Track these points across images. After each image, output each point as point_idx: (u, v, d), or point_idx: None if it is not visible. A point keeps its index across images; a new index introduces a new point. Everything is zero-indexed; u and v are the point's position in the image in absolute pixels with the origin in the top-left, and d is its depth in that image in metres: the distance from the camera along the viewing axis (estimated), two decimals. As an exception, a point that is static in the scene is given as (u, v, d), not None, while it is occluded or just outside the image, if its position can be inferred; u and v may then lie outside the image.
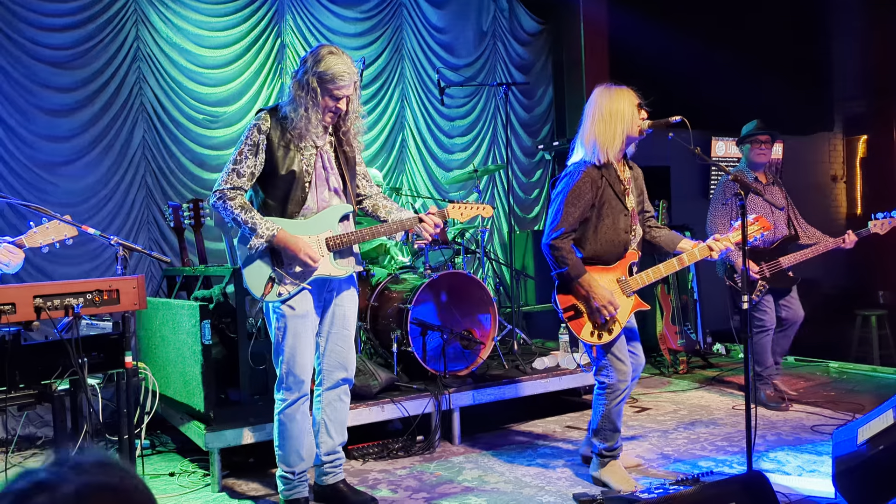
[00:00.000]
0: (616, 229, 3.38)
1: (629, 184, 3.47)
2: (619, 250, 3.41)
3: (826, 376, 5.86)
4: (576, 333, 3.38)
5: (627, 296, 3.43)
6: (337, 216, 3.25)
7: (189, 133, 5.53)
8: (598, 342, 3.37)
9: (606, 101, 3.33)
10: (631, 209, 3.45)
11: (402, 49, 6.51)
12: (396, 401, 4.18)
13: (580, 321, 3.37)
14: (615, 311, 3.32)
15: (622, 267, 3.44)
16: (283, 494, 3.32)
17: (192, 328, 3.79)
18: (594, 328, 3.35)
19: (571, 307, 3.38)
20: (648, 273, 3.44)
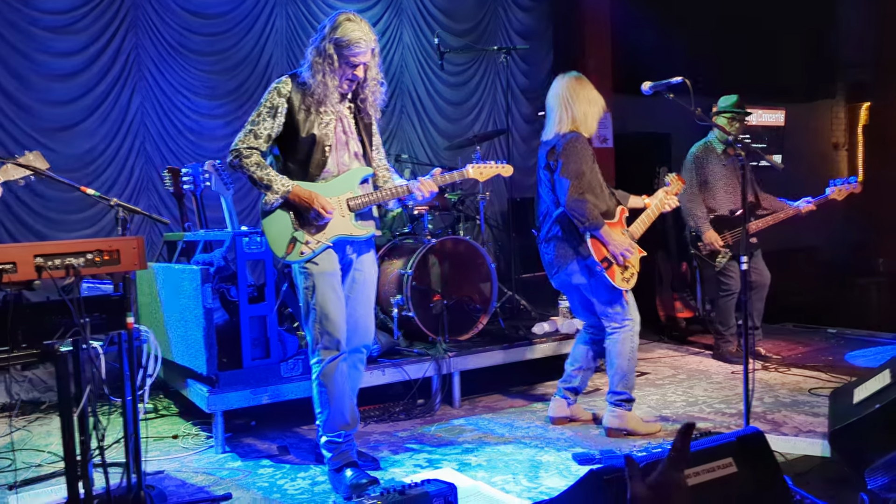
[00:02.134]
0: (605, 187, 3.83)
1: None
2: (613, 205, 3.85)
3: (824, 341, 5.89)
4: (611, 280, 3.71)
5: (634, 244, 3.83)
6: (357, 178, 3.26)
7: (189, 100, 5.51)
8: (626, 286, 3.78)
9: (587, 90, 3.81)
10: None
11: (401, 14, 6.45)
12: (398, 364, 4.21)
13: (612, 270, 3.73)
14: (631, 254, 3.76)
15: (621, 220, 3.86)
16: (329, 462, 3.22)
17: (193, 292, 3.80)
18: (623, 273, 3.75)
19: (605, 258, 3.72)
20: (639, 223, 3.89)
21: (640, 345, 5.84)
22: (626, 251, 3.71)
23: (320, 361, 3.19)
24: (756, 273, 5.15)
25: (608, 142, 6.93)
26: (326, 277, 3.17)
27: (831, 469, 3.19)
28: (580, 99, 3.78)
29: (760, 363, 5.08)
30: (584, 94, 3.79)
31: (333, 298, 3.17)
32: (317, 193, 3.14)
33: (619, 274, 3.74)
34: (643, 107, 6.04)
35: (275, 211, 3.15)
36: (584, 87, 3.81)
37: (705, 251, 5.20)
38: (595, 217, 3.66)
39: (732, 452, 2.29)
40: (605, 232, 3.68)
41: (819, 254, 9.24)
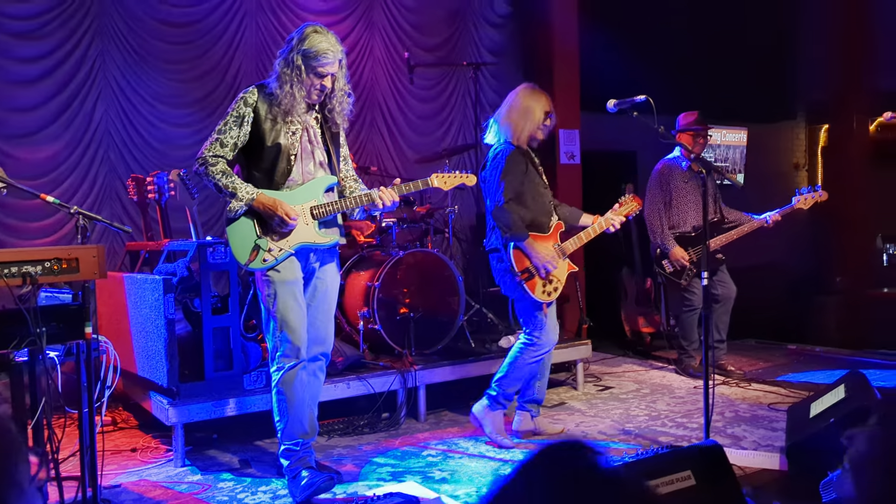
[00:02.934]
0: (543, 200, 3.86)
1: (538, 164, 3.94)
2: (549, 219, 3.88)
3: (784, 357, 5.99)
4: (531, 292, 3.74)
5: (563, 259, 3.85)
6: (322, 187, 3.29)
7: (155, 108, 5.45)
8: (547, 299, 3.79)
9: (525, 99, 3.83)
10: (547, 184, 3.94)
11: (372, 28, 6.46)
12: (362, 377, 4.19)
13: (533, 281, 3.75)
14: (554, 267, 3.76)
15: (554, 234, 3.89)
16: (287, 470, 3.24)
17: (155, 302, 3.76)
18: (544, 287, 3.76)
19: (526, 269, 3.74)
20: (574, 240, 3.88)
21: (606, 359, 5.97)
22: (548, 264, 3.72)
23: (280, 369, 3.20)
24: (722, 286, 5.23)
25: (575, 158, 7.00)
26: (288, 286, 3.18)
27: (788, 483, 3.24)
28: (520, 110, 3.81)
29: (722, 378, 5.15)
30: (525, 106, 3.81)
31: (294, 307, 3.18)
32: (280, 200, 3.15)
33: (540, 287, 3.75)
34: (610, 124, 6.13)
35: (239, 218, 3.16)
36: (527, 98, 3.83)
37: (671, 269, 5.26)
38: (517, 227, 3.70)
39: (691, 465, 2.33)
40: (529, 243, 3.71)
41: (780, 271, 9.41)
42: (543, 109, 3.82)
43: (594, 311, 6.77)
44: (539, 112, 3.80)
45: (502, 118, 3.87)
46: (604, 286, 6.88)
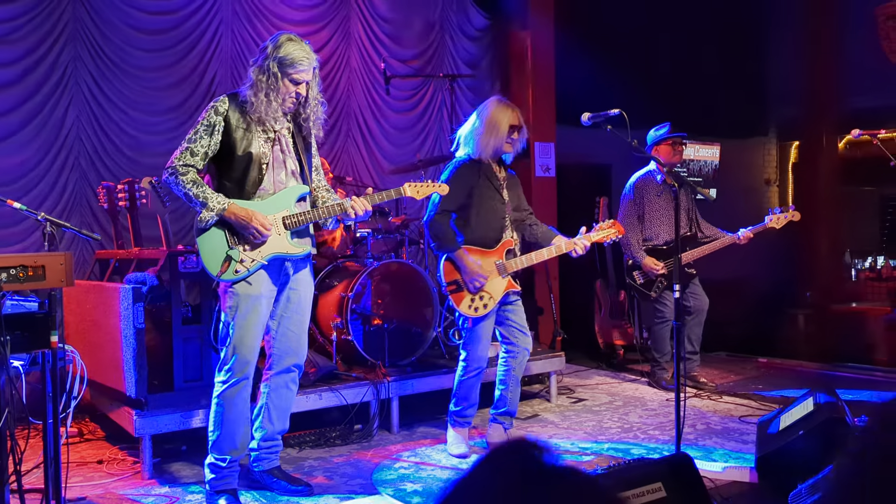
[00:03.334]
0: (493, 216, 3.81)
1: (504, 181, 3.90)
2: (497, 235, 3.82)
3: (755, 370, 6.05)
4: (455, 305, 3.75)
5: (503, 277, 3.79)
6: (294, 196, 3.27)
7: (128, 115, 5.39)
8: (474, 315, 3.75)
9: (491, 113, 3.80)
10: (506, 201, 3.87)
11: (349, 38, 6.46)
12: (335, 389, 4.16)
13: (460, 294, 3.74)
14: (482, 283, 3.71)
15: (500, 251, 3.82)
16: (210, 484, 3.23)
17: (124, 312, 3.70)
18: (472, 302, 3.72)
19: (454, 281, 3.75)
20: (522, 259, 3.82)
21: (579, 372, 5.98)
22: (476, 279, 3.69)
23: (225, 382, 3.17)
24: (695, 298, 5.27)
25: (550, 171, 7.04)
26: (252, 300, 3.15)
27: (758, 494, 3.26)
28: (485, 124, 3.78)
29: (694, 390, 5.18)
30: (490, 120, 3.78)
31: (254, 323, 3.15)
32: (254, 211, 3.12)
33: (467, 301, 3.73)
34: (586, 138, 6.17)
35: (209, 229, 3.12)
36: (493, 112, 3.79)
37: (641, 280, 5.30)
38: (445, 240, 3.71)
39: (662, 477, 2.33)
40: (459, 256, 3.71)
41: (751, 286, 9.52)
42: (509, 123, 3.78)
43: (568, 323, 6.78)
44: (504, 126, 3.76)
45: (467, 133, 3.86)
46: (578, 298, 6.91)
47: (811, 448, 2.89)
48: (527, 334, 3.93)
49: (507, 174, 3.95)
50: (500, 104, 3.83)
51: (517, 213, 3.95)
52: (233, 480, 3.26)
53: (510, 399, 3.97)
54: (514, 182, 4.00)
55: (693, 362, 5.35)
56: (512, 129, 3.79)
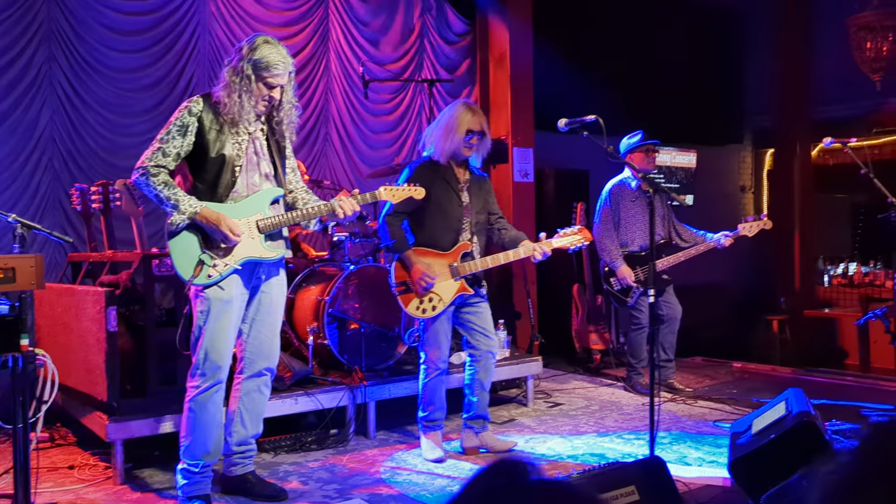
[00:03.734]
0: (448, 219, 3.81)
1: (465, 184, 3.89)
2: (453, 237, 3.82)
3: (730, 375, 6.10)
4: (403, 307, 3.77)
5: (455, 279, 3.79)
6: (268, 199, 3.24)
7: (103, 117, 5.34)
8: (421, 316, 3.78)
9: (450, 117, 3.79)
10: (465, 204, 3.86)
11: (327, 41, 6.45)
12: (311, 393, 4.14)
13: (409, 296, 3.77)
14: (429, 283, 3.72)
15: (455, 254, 3.82)
16: (182, 490, 3.19)
17: (96, 315, 3.65)
18: (420, 303, 3.74)
19: (402, 282, 3.77)
20: (477, 262, 3.82)
21: (556, 376, 6.00)
22: (423, 280, 3.70)
23: (197, 387, 3.14)
24: (668, 307, 5.31)
25: (529, 176, 7.07)
26: (223, 305, 3.12)
27: (731, 498, 3.29)
28: (443, 126, 3.79)
29: (669, 395, 5.22)
30: (448, 123, 3.77)
31: (225, 328, 3.13)
32: (224, 215, 3.09)
33: (415, 302, 3.76)
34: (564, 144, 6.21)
35: (181, 232, 3.09)
36: (453, 115, 3.78)
37: (617, 287, 5.33)
38: (396, 241, 3.75)
39: (635, 480, 2.34)
40: (409, 257, 3.73)
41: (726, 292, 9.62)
42: (467, 127, 3.75)
43: (546, 327, 6.81)
44: (461, 130, 3.74)
45: (429, 134, 3.88)
46: (555, 303, 6.94)
47: (782, 452, 2.92)
48: (490, 337, 3.91)
49: (472, 177, 3.93)
50: (463, 107, 3.81)
51: (480, 216, 3.94)
52: (206, 486, 3.23)
53: (476, 403, 3.97)
54: (481, 185, 3.98)
55: (668, 370, 5.39)
56: (470, 134, 3.76)
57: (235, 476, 3.38)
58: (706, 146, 9.35)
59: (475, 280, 3.90)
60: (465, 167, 3.92)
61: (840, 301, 9.30)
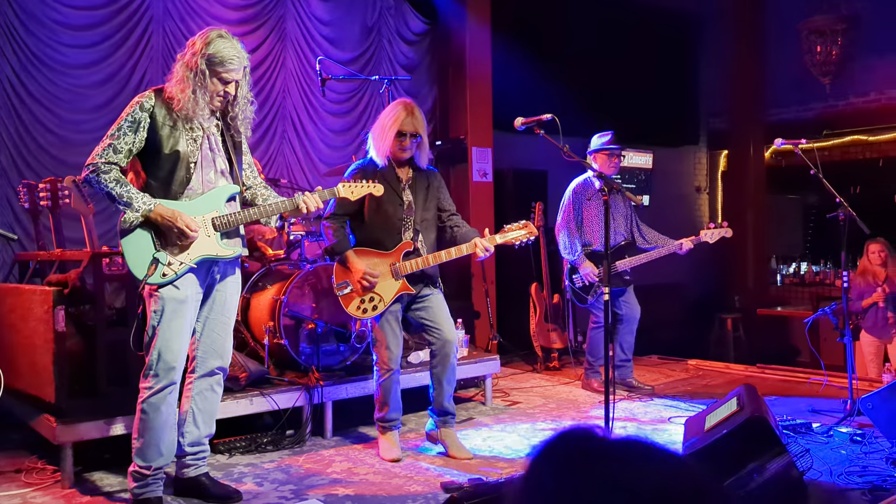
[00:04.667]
0: (388, 218, 3.77)
1: (407, 182, 3.84)
2: (393, 236, 3.79)
3: (685, 373, 6.20)
4: (345, 307, 3.77)
5: (396, 279, 3.77)
6: (224, 197, 3.19)
7: (52, 112, 5.20)
8: (362, 316, 3.81)
9: (384, 117, 3.75)
10: (407, 202, 3.82)
11: (285, 39, 6.38)
12: (266, 393, 4.09)
13: (350, 296, 3.76)
14: (371, 283, 3.71)
15: (397, 253, 3.79)
16: (134, 492, 3.13)
17: (44, 315, 3.56)
18: (360, 303, 3.75)
19: (343, 282, 3.76)
20: (418, 261, 3.77)
21: (514, 375, 6.03)
22: (363, 279, 3.68)
23: (150, 388, 3.08)
24: (627, 307, 5.35)
25: (487, 176, 7.09)
26: (177, 305, 3.07)
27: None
28: (378, 127, 3.77)
29: (626, 392, 5.27)
30: (381, 124, 3.75)
31: (179, 327, 3.07)
32: (180, 212, 3.03)
33: (356, 302, 3.76)
34: (522, 144, 6.25)
35: (134, 230, 3.02)
36: (385, 116, 3.75)
37: (579, 284, 5.37)
38: (335, 240, 3.74)
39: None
40: (348, 258, 3.73)
41: (682, 291, 9.77)
42: (397, 129, 3.68)
43: (504, 326, 6.84)
44: (390, 131, 3.68)
45: (372, 132, 3.83)
46: (514, 302, 6.97)
47: (734, 446, 2.97)
48: (441, 329, 3.83)
49: (416, 173, 3.87)
50: (399, 106, 3.73)
51: (427, 213, 3.87)
52: (158, 488, 3.17)
53: (436, 397, 3.92)
54: (427, 182, 3.90)
55: (626, 369, 5.43)
56: (402, 136, 3.70)
57: (189, 478, 3.32)
58: (662, 147, 9.48)
59: (425, 279, 3.85)
60: (408, 165, 3.86)
61: (792, 300, 9.52)
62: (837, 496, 3.17)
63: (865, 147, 9.15)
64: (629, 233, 5.44)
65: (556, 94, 7.55)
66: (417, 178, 3.88)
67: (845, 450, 3.81)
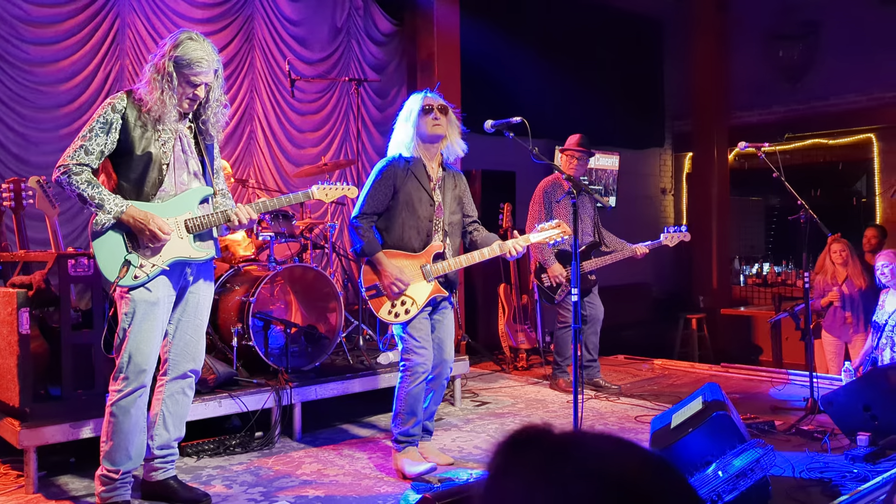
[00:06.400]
0: (419, 218, 3.62)
1: (438, 182, 3.69)
2: (423, 238, 3.63)
3: (651, 372, 6.29)
4: (375, 311, 3.60)
5: (428, 281, 3.63)
6: (197, 199, 3.17)
7: (15, 111, 5.11)
8: (394, 321, 3.59)
9: (404, 107, 3.64)
10: (437, 202, 3.67)
11: (252, 39, 6.34)
12: (235, 395, 4.06)
13: (380, 300, 3.59)
14: (401, 288, 3.54)
15: (427, 255, 3.64)
16: (101, 496, 3.10)
17: (7, 317, 3.50)
18: (392, 307, 3.57)
19: (373, 286, 3.59)
20: (450, 262, 3.66)
21: (483, 375, 6.06)
22: (395, 284, 3.52)
23: (120, 391, 3.05)
24: (591, 307, 5.43)
25: (456, 177, 7.11)
26: (149, 307, 3.04)
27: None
28: (399, 120, 3.65)
29: (594, 392, 5.34)
30: (402, 115, 3.64)
31: (151, 330, 3.05)
32: (153, 214, 3.01)
33: (387, 306, 3.57)
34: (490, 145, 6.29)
35: (106, 232, 2.99)
36: (406, 105, 3.65)
37: (547, 283, 5.42)
38: (364, 242, 3.56)
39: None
40: (379, 260, 3.54)
41: (647, 292, 9.91)
42: (420, 105, 3.55)
43: (472, 327, 6.87)
44: (416, 109, 3.56)
45: (393, 134, 3.69)
46: (482, 303, 7.01)
47: (700, 444, 3.04)
48: (445, 349, 3.71)
49: (445, 173, 3.73)
50: (412, 95, 3.67)
51: (454, 217, 3.74)
52: (126, 492, 3.13)
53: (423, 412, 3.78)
54: (455, 183, 3.77)
55: (593, 369, 5.50)
56: (428, 110, 3.55)
57: (157, 481, 3.29)
58: (628, 149, 9.61)
59: (448, 284, 3.71)
60: (439, 163, 3.71)
61: (754, 300, 9.71)
62: (799, 492, 3.25)
63: (826, 150, 9.37)
64: (595, 233, 5.51)
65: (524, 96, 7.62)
66: (446, 178, 3.73)
67: (807, 447, 3.90)
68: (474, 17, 7.36)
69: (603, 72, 8.87)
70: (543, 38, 8.09)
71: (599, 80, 8.77)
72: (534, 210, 5.47)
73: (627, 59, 9.38)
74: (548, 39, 8.12)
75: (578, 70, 8.38)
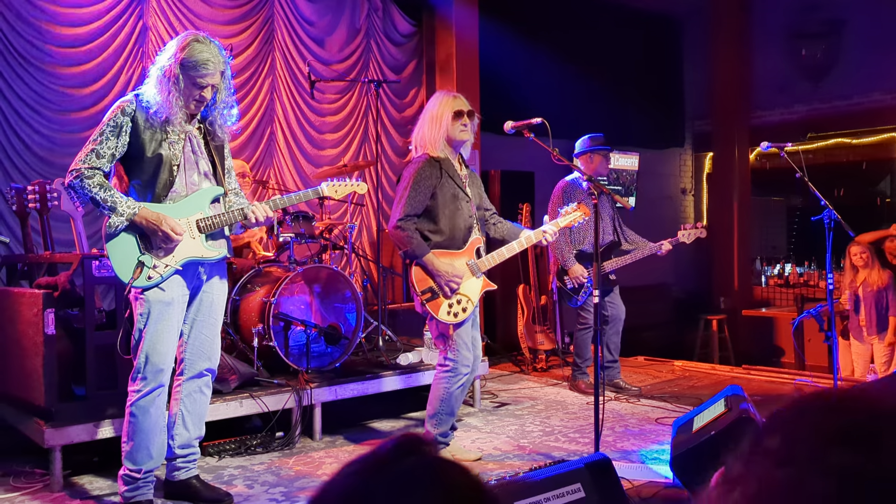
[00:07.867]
0: (459, 215, 3.63)
1: (466, 179, 3.73)
2: (464, 234, 3.64)
3: (671, 374, 6.25)
4: (434, 314, 3.55)
5: (477, 277, 3.65)
6: (208, 199, 3.19)
7: (39, 114, 5.18)
8: (454, 321, 3.56)
9: (434, 107, 3.64)
10: (471, 198, 3.70)
11: (272, 41, 6.38)
12: (255, 396, 4.09)
13: (437, 301, 3.55)
14: (458, 285, 3.54)
15: (470, 251, 3.66)
16: (124, 496, 3.13)
17: (33, 318, 3.54)
18: (450, 308, 3.55)
19: (428, 289, 3.55)
20: (494, 256, 3.67)
21: (502, 377, 6.05)
22: (451, 283, 3.51)
23: (139, 391, 3.08)
24: (612, 307, 5.39)
25: (476, 178, 7.11)
26: (164, 307, 3.07)
27: (673, 493, 3.37)
28: (427, 119, 3.65)
29: (613, 394, 5.31)
30: (431, 114, 3.63)
31: (167, 330, 3.07)
32: (165, 215, 3.03)
33: (445, 307, 3.54)
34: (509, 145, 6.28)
35: (119, 234, 3.02)
36: (434, 105, 3.65)
37: (570, 285, 5.39)
38: (413, 244, 3.51)
39: (581, 478, 2.38)
40: (430, 261, 3.51)
41: (668, 293, 9.85)
42: (452, 110, 3.59)
43: (491, 328, 6.86)
44: (447, 114, 3.58)
45: (418, 134, 3.70)
46: (501, 303, 6.99)
47: (723, 447, 3.01)
48: (478, 347, 3.74)
49: (466, 171, 3.78)
50: (441, 96, 3.68)
51: (479, 213, 3.78)
52: (148, 492, 3.17)
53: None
54: (475, 179, 3.84)
55: (613, 370, 5.47)
56: (458, 115, 3.60)
57: (179, 480, 3.32)
58: (648, 149, 9.55)
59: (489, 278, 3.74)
60: (460, 161, 3.75)
61: (776, 301, 9.61)
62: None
63: (849, 150, 9.26)
64: (614, 233, 5.48)
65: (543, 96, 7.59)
66: (469, 176, 3.77)
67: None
68: (492, 18, 7.36)
69: (622, 71, 8.82)
70: (562, 38, 8.06)
71: (619, 79, 8.72)
72: (553, 211, 5.45)
73: (647, 59, 9.33)
74: (566, 39, 8.10)
75: (597, 70, 8.34)
